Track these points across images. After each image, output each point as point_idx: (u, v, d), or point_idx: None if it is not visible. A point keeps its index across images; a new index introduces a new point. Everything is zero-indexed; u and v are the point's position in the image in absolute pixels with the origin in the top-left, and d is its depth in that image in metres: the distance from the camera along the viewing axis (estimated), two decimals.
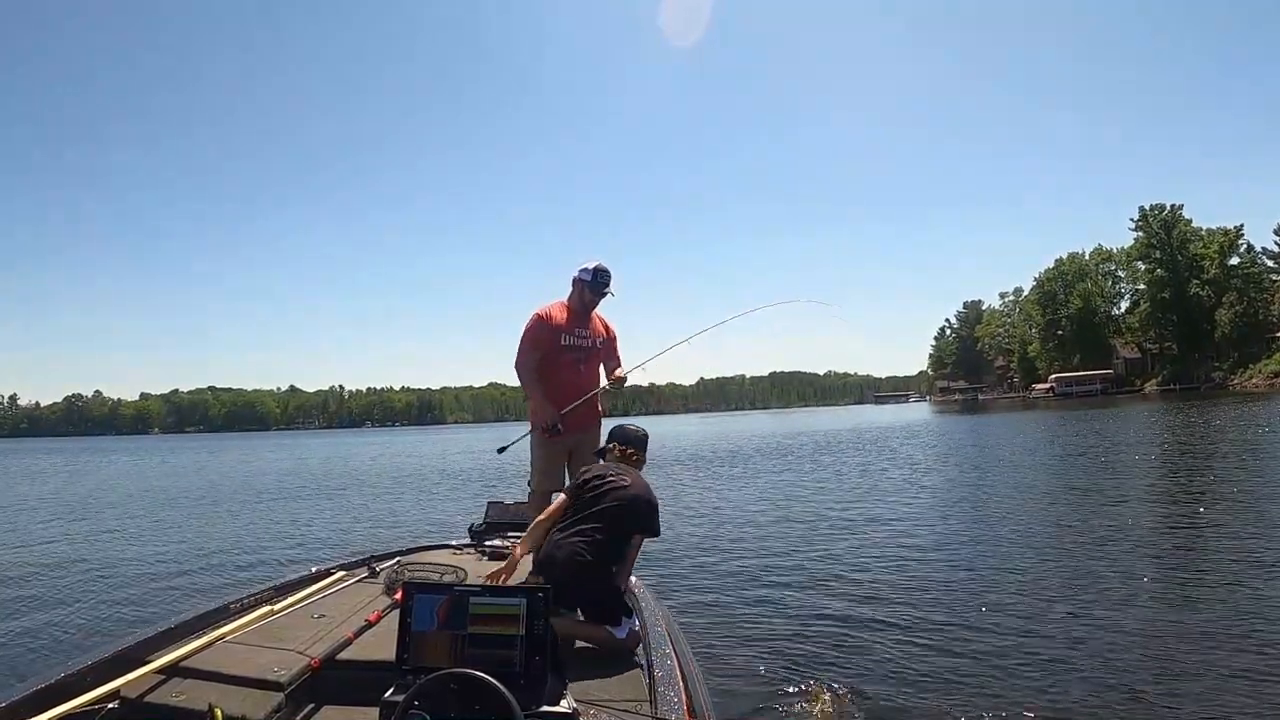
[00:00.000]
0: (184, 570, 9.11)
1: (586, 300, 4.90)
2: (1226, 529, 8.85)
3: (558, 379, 4.84)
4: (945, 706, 4.36)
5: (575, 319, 4.90)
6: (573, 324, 4.89)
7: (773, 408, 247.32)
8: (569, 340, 4.86)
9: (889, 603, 6.69)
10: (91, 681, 2.49)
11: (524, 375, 4.91)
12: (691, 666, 2.95)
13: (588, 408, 4.95)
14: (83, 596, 7.88)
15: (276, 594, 3.63)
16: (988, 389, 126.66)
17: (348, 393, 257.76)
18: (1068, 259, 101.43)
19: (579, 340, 4.88)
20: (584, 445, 4.82)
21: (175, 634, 2.99)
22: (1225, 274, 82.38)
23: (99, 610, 7.32)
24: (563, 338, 4.85)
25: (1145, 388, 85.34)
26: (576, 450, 4.88)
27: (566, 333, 4.86)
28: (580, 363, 4.83)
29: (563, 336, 4.85)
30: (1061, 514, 10.77)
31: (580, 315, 4.92)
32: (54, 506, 17.72)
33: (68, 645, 5.98)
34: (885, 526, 10.48)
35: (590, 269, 4.84)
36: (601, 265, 4.85)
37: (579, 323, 4.90)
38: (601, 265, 4.85)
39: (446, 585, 2.34)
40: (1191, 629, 5.43)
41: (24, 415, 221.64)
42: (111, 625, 6.65)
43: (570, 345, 4.86)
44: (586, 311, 4.93)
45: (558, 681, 2.34)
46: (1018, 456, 20.61)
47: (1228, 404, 41.96)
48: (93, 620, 6.94)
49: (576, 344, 4.87)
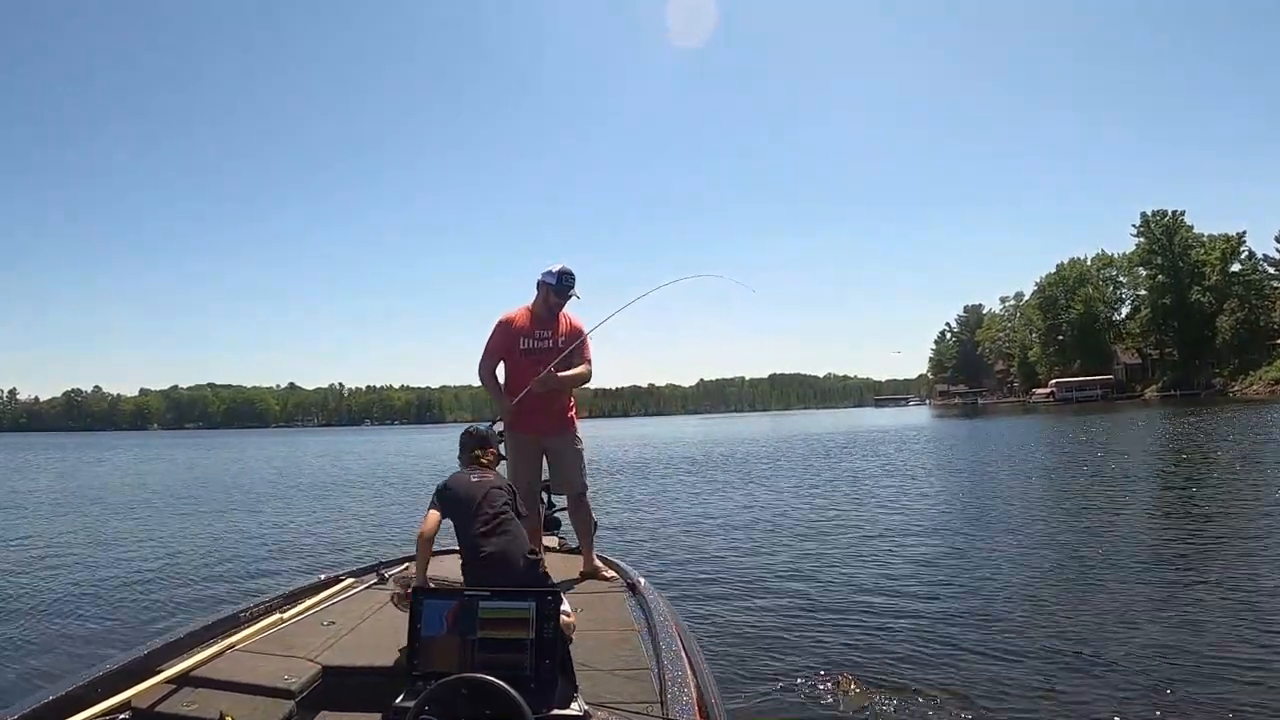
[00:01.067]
0: (193, 579, 9.05)
1: (551, 303, 4.87)
2: (1232, 539, 8.85)
3: (519, 383, 4.84)
4: (951, 703, 4.37)
5: (538, 322, 4.89)
6: (534, 327, 4.88)
7: (772, 410, 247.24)
8: (528, 344, 4.85)
9: (897, 602, 6.71)
10: (102, 692, 2.48)
11: (483, 380, 4.96)
12: (701, 667, 2.96)
13: (556, 412, 4.93)
14: (92, 606, 7.81)
15: (286, 602, 3.63)
16: (988, 393, 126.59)
17: (347, 391, 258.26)
18: (1069, 264, 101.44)
19: (539, 343, 4.86)
20: (561, 449, 4.88)
21: (186, 643, 2.99)
22: (1226, 280, 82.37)
23: (108, 620, 7.27)
24: (522, 341, 4.85)
25: (1146, 393, 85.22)
26: (554, 455, 4.91)
27: (526, 336, 4.86)
28: (540, 364, 4.78)
29: (522, 340, 4.85)
30: (1062, 519, 10.77)
31: (544, 318, 4.90)
32: (55, 512, 17.62)
33: (78, 656, 5.92)
34: (890, 529, 10.49)
35: (554, 272, 4.83)
36: (565, 268, 4.84)
37: (541, 325, 4.89)
38: (565, 268, 4.84)
39: (456, 590, 2.34)
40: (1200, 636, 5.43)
41: (23, 410, 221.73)
42: (122, 635, 6.58)
43: (530, 349, 4.85)
44: (552, 314, 4.90)
45: (568, 684, 2.35)
46: (1020, 461, 20.62)
47: (1229, 411, 41.94)
48: (102, 630, 6.89)
49: (537, 346, 4.85)
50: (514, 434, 4.87)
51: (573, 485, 4.90)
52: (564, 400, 4.99)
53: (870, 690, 4.55)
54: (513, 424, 4.85)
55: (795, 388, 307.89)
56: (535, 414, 4.82)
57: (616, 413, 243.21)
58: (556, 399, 4.91)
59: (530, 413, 4.80)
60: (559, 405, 4.94)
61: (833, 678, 4.77)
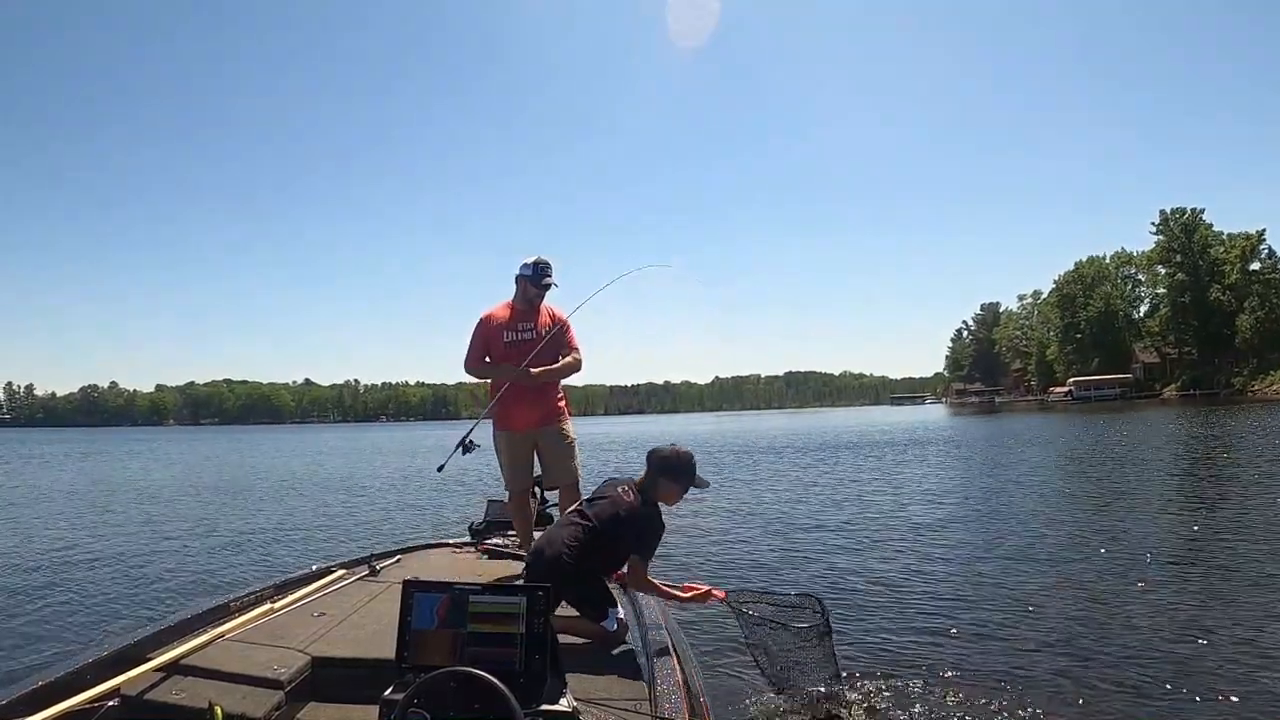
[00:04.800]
0: (185, 567, 9.12)
1: (530, 295, 4.88)
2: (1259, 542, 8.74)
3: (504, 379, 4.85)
4: (946, 703, 4.33)
5: (519, 315, 4.90)
6: (515, 320, 4.88)
7: (788, 408, 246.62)
8: (510, 337, 4.85)
9: (888, 599, 6.67)
10: (92, 679, 2.49)
11: (475, 373, 4.95)
12: (691, 665, 2.95)
13: (546, 405, 4.90)
14: (83, 593, 7.87)
15: (277, 592, 3.65)
16: (1004, 392, 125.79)
17: (362, 387, 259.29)
18: (1087, 262, 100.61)
19: (521, 336, 4.85)
20: (552, 441, 4.87)
21: (176, 632, 3.01)
22: (1246, 279, 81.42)
23: (99, 608, 7.31)
24: (505, 335, 4.85)
25: (1164, 393, 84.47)
26: (545, 447, 4.90)
27: (508, 329, 4.86)
28: (523, 357, 4.77)
29: (504, 334, 4.85)
30: (1082, 518, 10.65)
31: (524, 311, 4.90)
32: (56, 500, 17.81)
33: (68, 643, 5.98)
34: (885, 527, 10.41)
35: (530, 263, 4.84)
36: (541, 259, 4.86)
37: (523, 318, 4.89)
38: (541, 259, 4.86)
39: (446, 583, 2.33)
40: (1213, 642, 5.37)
41: (40, 405, 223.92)
42: (112, 623, 6.65)
43: (512, 341, 4.84)
44: (531, 306, 4.91)
45: (558, 680, 2.33)
46: (1040, 458, 20.46)
47: (1250, 411, 41.45)
48: (93, 618, 6.93)
49: (519, 339, 4.84)
50: (505, 433, 4.88)
51: (566, 475, 4.89)
52: (553, 392, 4.97)
53: (860, 689, 4.52)
54: (502, 422, 4.86)
55: (811, 385, 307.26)
56: (525, 409, 4.82)
57: (632, 411, 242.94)
58: (546, 391, 4.89)
59: (519, 407, 4.80)
60: (548, 397, 4.92)
61: None
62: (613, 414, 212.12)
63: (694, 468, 3.75)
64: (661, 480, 3.65)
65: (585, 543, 3.37)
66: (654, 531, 3.52)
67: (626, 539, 3.45)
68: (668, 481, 3.67)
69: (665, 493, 3.67)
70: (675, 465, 3.69)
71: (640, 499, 3.55)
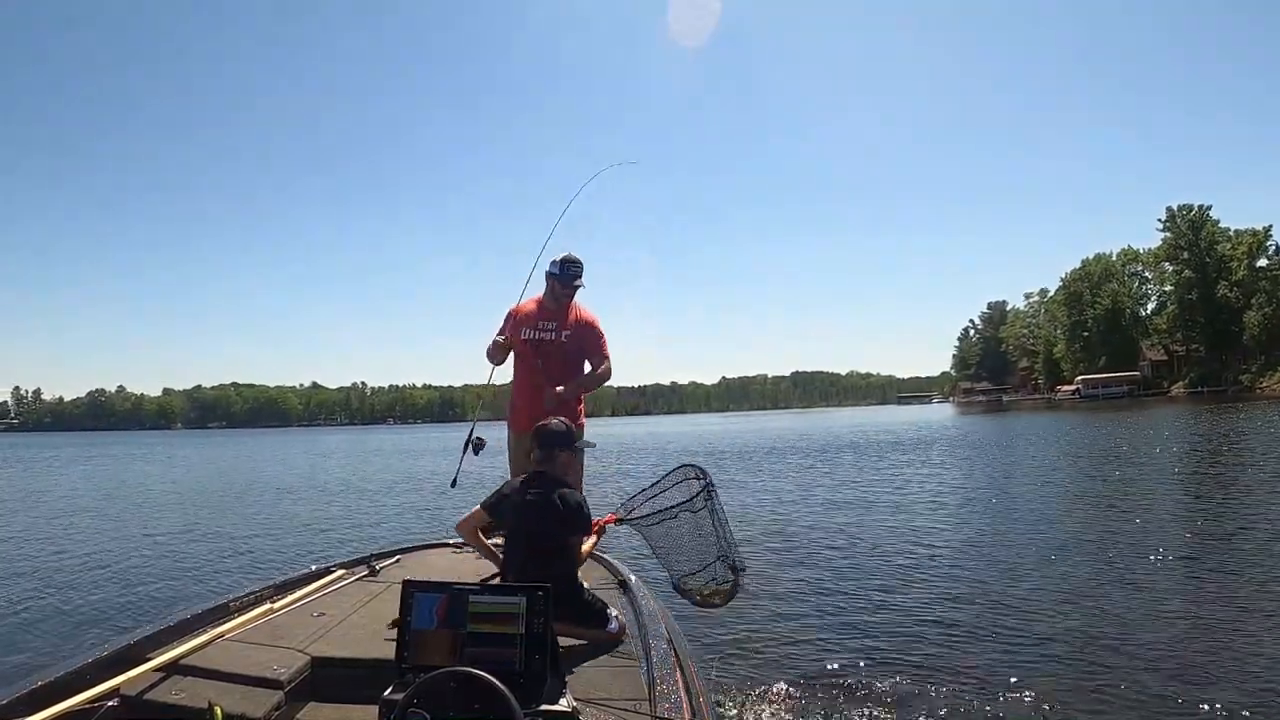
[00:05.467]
0: (185, 568, 9.18)
1: (559, 294, 4.73)
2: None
3: (521, 374, 4.80)
4: (941, 701, 4.32)
5: (544, 313, 4.77)
6: (539, 317, 4.75)
7: (795, 408, 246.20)
8: (529, 334, 4.73)
9: (887, 599, 6.68)
10: (91, 679, 2.49)
11: (489, 355, 4.83)
12: (690, 664, 2.94)
13: (564, 411, 4.79)
14: (83, 594, 7.94)
15: (276, 592, 3.64)
16: (1012, 390, 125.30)
17: (369, 390, 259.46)
18: (1094, 259, 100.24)
19: (540, 334, 4.73)
20: None
21: (175, 632, 3.00)
22: (1254, 275, 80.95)
23: (99, 608, 7.36)
24: (524, 332, 4.74)
25: (1172, 390, 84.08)
26: None
27: (528, 326, 4.74)
28: (539, 356, 4.69)
29: (524, 330, 4.74)
30: (1090, 518, 10.63)
31: (550, 309, 4.77)
32: (61, 503, 17.92)
33: (67, 643, 6.02)
34: (884, 525, 10.44)
35: (558, 261, 4.68)
36: (570, 256, 4.69)
37: (547, 316, 4.75)
38: (570, 256, 4.69)
39: (445, 583, 2.33)
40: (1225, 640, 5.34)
41: (47, 410, 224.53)
42: (111, 623, 6.69)
43: (530, 339, 4.73)
44: (560, 305, 4.76)
45: (557, 680, 2.33)
46: (1048, 457, 20.39)
47: (1258, 408, 41.26)
48: (92, 618, 6.98)
49: (537, 337, 4.73)
50: (514, 432, 4.81)
51: None
52: (574, 402, 4.81)
53: (856, 690, 4.51)
54: (513, 420, 4.80)
55: (818, 385, 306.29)
56: (536, 409, 4.64)
57: (638, 411, 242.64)
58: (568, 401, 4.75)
59: (531, 408, 4.66)
60: (564, 401, 4.77)
61: (822, 678, 4.73)
62: (620, 414, 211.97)
63: (575, 432, 3.63)
64: (559, 455, 3.53)
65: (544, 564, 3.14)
66: (578, 508, 3.33)
67: (559, 533, 3.29)
68: (565, 453, 3.56)
69: (565, 465, 3.57)
70: (563, 433, 3.57)
71: (544, 488, 3.35)
